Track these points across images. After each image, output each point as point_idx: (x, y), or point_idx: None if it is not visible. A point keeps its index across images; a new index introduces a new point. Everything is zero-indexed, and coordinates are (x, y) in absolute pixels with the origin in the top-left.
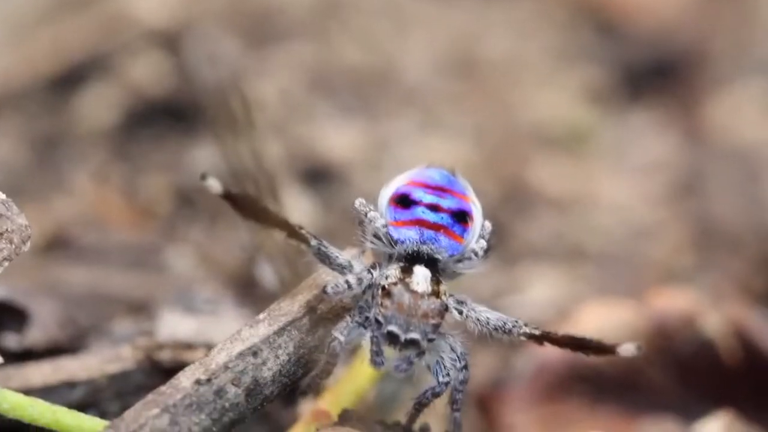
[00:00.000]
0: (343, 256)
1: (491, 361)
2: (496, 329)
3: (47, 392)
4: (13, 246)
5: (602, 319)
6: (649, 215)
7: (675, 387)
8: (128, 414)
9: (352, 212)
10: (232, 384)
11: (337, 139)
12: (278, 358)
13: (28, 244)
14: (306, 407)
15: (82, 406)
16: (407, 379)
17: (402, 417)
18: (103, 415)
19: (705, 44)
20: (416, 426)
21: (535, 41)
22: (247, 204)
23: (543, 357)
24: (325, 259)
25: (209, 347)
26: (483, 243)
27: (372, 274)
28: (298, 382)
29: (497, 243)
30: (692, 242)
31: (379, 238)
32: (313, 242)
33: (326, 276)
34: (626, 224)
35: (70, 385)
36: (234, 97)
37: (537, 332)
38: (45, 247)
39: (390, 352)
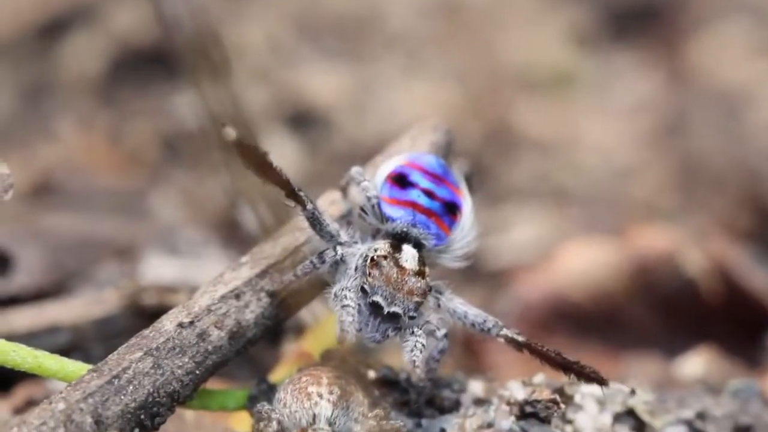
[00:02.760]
0: (332, 225)
1: (476, 299)
2: (473, 325)
3: (31, 337)
4: None
5: (585, 258)
6: (633, 155)
7: (657, 324)
8: (112, 357)
9: (347, 179)
10: (215, 327)
11: (322, 83)
12: (260, 300)
13: (11, 192)
14: (289, 348)
15: (66, 350)
16: None
17: (382, 357)
18: (86, 359)
19: None
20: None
21: None
22: (256, 157)
23: (527, 296)
24: (316, 224)
25: (192, 290)
26: (470, 242)
27: (342, 250)
28: (280, 324)
29: (481, 184)
30: (675, 182)
31: (366, 212)
32: (309, 206)
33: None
34: (610, 164)
35: (54, 329)
36: (212, 43)
37: (519, 338)
38: (31, 194)
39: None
